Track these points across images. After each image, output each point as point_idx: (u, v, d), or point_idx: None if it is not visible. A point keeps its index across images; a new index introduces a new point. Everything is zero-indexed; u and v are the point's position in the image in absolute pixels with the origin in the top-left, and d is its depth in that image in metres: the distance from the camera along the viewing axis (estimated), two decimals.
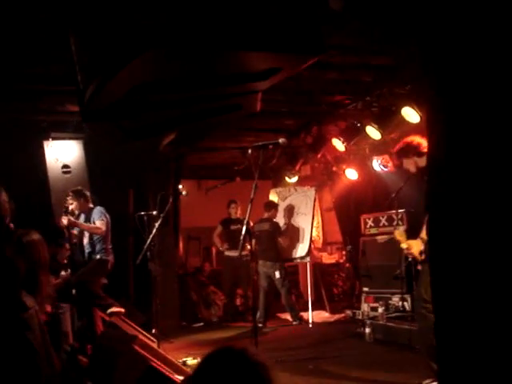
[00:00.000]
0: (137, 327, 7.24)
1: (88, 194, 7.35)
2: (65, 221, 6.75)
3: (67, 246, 7.89)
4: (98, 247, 7.25)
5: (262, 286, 9.27)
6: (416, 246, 5.35)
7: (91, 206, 7.31)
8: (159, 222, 6.34)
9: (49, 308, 6.94)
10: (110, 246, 7.31)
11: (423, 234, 5.26)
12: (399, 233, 5.64)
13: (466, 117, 2.12)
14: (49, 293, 5.83)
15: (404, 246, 5.47)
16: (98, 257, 7.23)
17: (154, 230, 6.22)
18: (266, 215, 9.80)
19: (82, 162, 7.75)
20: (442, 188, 2.31)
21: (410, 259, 6.25)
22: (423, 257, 5.31)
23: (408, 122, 7.35)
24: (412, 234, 5.64)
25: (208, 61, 2.04)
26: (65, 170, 7.65)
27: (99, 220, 7.18)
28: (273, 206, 9.89)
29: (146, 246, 6.22)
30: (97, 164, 7.91)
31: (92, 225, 7.19)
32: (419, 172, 5.42)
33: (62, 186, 7.59)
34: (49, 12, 4.49)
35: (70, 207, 7.06)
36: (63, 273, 7.65)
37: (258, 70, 2.25)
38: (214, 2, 1.89)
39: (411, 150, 5.34)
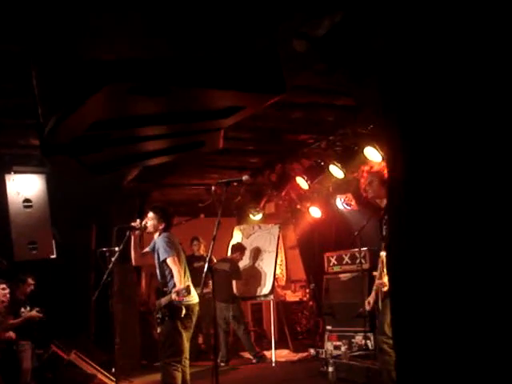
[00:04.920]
0: (96, 366, 7.10)
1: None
2: None
3: (30, 280, 7.74)
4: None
5: (220, 326, 9.22)
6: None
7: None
8: (115, 257, 6.19)
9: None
10: None
11: None
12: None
13: (425, 155, 2.16)
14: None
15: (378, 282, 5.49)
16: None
17: (111, 265, 6.08)
18: (229, 255, 9.80)
19: (44, 197, 7.63)
20: (401, 226, 2.34)
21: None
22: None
23: (370, 162, 7.46)
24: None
25: (171, 97, 2.05)
26: (26, 204, 7.53)
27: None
28: (239, 249, 9.89)
29: (102, 282, 6.08)
30: (59, 199, 7.81)
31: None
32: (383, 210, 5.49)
33: (23, 221, 7.47)
34: (11, 44, 4.46)
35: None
36: (23, 310, 7.49)
37: (220, 108, 2.27)
38: (177, 40, 1.91)
39: (375, 177, 5.42)
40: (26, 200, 7.54)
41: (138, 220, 6.06)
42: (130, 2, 1.84)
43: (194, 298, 5.87)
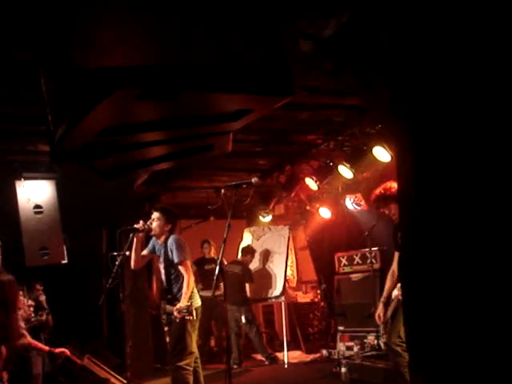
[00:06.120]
0: (109, 370, 7.10)
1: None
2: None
3: (38, 286, 7.77)
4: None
5: (232, 329, 9.21)
6: None
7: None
8: (119, 261, 6.10)
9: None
10: None
11: None
12: None
13: (434, 156, 2.15)
14: (18, 333, 5.74)
15: None
16: None
17: (115, 269, 6.03)
18: (240, 258, 9.80)
19: (54, 202, 7.67)
20: (413, 227, 2.33)
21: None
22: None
23: (379, 162, 7.45)
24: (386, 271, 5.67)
25: (179, 102, 2.06)
26: (37, 210, 7.56)
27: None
28: (249, 252, 9.91)
29: (108, 286, 6.05)
30: (69, 204, 7.84)
31: None
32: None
33: (34, 227, 7.50)
34: (21, 50, 4.49)
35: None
36: (33, 316, 7.50)
37: (228, 111, 2.27)
38: (184, 45, 1.91)
39: (389, 198, 5.35)
40: (37, 206, 7.58)
41: (141, 222, 5.98)
42: (139, 8, 1.85)
43: (198, 300, 5.89)
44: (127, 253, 6.83)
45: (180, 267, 5.80)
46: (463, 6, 2.06)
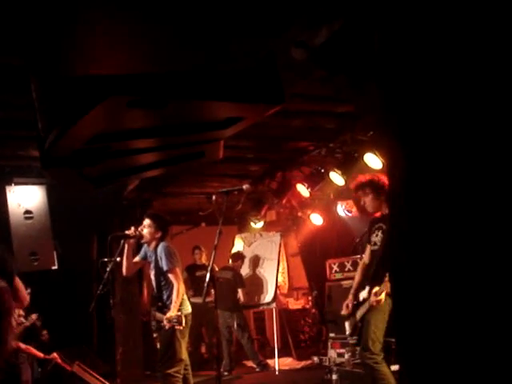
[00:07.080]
0: (99, 377, 7.07)
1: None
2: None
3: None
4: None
5: (223, 335, 9.19)
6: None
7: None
8: (110, 267, 6.07)
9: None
10: None
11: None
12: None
13: (425, 163, 2.16)
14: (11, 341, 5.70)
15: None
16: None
17: (106, 276, 6.01)
18: (230, 263, 9.79)
19: (44, 208, 7.64)
20: (403, 233, 2.33)
21: None
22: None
23: (370, 169, 7.46)
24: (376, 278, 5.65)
25: (170, 109, 2.05)
26: (27, 215, 7.53)
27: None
28: (239, 258, 9.91)
29: (98, 293, 6.02)
30: (60, 209, 7.81)
31: None
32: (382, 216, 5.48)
33: (24, 232, 7.46)
34: (12, 56, 4.47)
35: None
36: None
37: (219, 119, 2.28)
38: (175, 53, 1.92)
39: (369, 184, 5.39)
40: (27, 211, 7.54)
41: (133, 228, 5.96)
42: (128, 17, 1.85)
43: (188, 307, 5.88)
44: (118, 259, 6.79)
45: (169, 275, 5.78)
46: (456, 13, 2.07)
